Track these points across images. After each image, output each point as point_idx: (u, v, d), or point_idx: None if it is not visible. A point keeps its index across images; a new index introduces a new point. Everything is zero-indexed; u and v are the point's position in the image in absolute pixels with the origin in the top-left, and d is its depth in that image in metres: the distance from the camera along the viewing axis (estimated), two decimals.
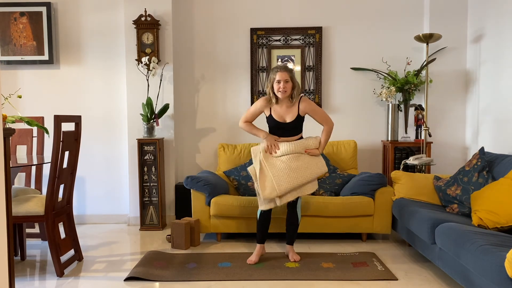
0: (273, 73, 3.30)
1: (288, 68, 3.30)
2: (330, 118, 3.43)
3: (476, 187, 3.31)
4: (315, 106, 3.43)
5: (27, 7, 4.54)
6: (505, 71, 3.89)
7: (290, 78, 3.25)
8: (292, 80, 3.27)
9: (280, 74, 3.25)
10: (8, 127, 2.59)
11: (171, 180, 4.63)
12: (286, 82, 3.24)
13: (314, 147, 3.37)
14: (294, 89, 3.29)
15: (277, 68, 3.31)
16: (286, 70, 3.27)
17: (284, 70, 3.26)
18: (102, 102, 4.69)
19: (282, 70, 3.26)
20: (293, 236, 3.44)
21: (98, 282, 3.03)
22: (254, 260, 3.33)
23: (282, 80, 3.24)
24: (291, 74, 3.28)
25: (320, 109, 3.44)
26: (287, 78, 3.24)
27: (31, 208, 3.14)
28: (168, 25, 4.54)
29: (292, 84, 3.27)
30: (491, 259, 2.22)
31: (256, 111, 3.41)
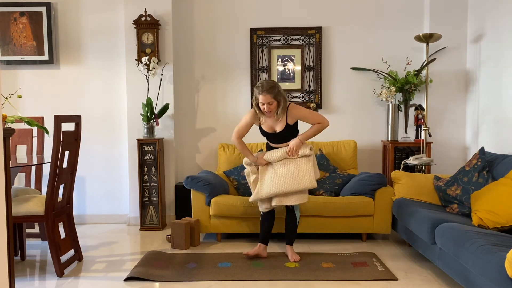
0: (256, 93, 3.24)
1: (270, 89, 3.17)
2: (325, 118, 3.34)
3: (476, 187, 3.31)
4: (305, 111, 3.33)
5: (27, 7, 4.55)
6: (505, 71, 3.89)
7: (273, 98, 3.18)
8: (276, 99, 3.19)
9: (263, 98, 3.18)
10: (8, 127, 2.59)
11: (171, 180, 4.63)
12: (269, 104, 3.20)
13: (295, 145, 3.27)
14: (280, 106, 3.22)
15: (259, 89, 3.20)
16: (268, 92, 3.16)
17: (267, 92, 3.16)
18: (102, 102, 4.69)
19: (264, 93, 3.16)
20: (291, 236, 3.45)
21: (98, 282, 3.03)
22: (251, 253, 3.41)
23: (265, 102, 3.20)
24: (274, 93, 3.18)
25: (310, 114, 3.35)
26: (270, 101, 3.18)
27: (31, 208, 3.14)
28: (168, 25, 4.54)
29: (277, 102, 3.21)
30: (491, 259, 2.22)
31: (246, 125, 3.43)
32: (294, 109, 3.30)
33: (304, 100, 4.72)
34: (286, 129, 3.32)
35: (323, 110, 4.74)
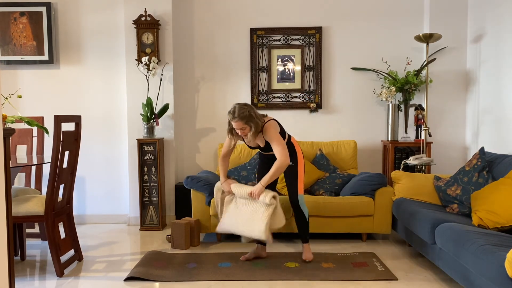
0: (229, 118, 3.20)
1: (241, 114, 3.10)
2: (284, 155, 3.14)
3: (476, 187, 3.31)
4: (274, 139, 3.18)
5: (27, 7, 4.55)
6: (505, 71, 3.89)
7: (245, 124, 3.14)
8: (247, 124, 3.14)
9: (234, 124, 3.17)
10: (8, 127, 2.59)
11: (171, 180, 4.63)
12: (242, 129, 3.18)
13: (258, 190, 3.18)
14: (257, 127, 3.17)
15: (230, 115, 3.16)
16: (240, 118, 3.11)
17: (238, 119, 3.11)
18: (102, 102, 4.70)
19: (236, 120, 3.13)
20: (303, 235, 3.41)
21: (98, 282, 3.03)
22: (246, 257, 3.41)
23: (238, 128, 3.18)
24: (245, 119, 3.12)
25: (276, 142, 3.18)
26: (242, 126, 3.15)
27: (31, 208, 3.14)
28: (168, 25, 4.54)
29: (249, 127, 3.16)
30: (491, 259, 2.22)
31: (228, 145, 3.39)
32: (267, 132, 3.20)
33: (304, 100, 4.72)
34: (268, 145, 3.28)
35: (323, 110, 4.74)
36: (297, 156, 3.36)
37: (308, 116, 4.76)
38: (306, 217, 3.38)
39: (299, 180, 3.35)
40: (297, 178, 3.34)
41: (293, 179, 3.35)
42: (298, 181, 3.35)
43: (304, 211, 3.38)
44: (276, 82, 4.73)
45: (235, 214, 3.26)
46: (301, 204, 3.36)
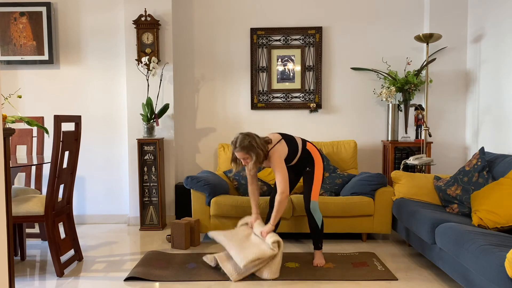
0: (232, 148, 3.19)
1: (243, 147, 3.09)
2: (285, 184, 3.12)
3: (476, 187, 3.31)
4: (275, 166, 3.16)
5: (27, 7, 4.55)
6: (505, 71, 3.89)
7: (247, 155, 3.12)
8: (250, 155, 3.11)
9: (237, 154, 3.16)
10: (8, 127, 2.59)
11: (171, 180, 4.63)
12: (245, 159, 3.16)
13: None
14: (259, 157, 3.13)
15: (233, 144, 3.15)
16: (241, 149, 3.10)
17: (240, 149, 3.11)
18: (102, 102, 4.70)
19: (237, 150, 3.13)
20: (314, 241, 3.35)
21: (98, 282, 3.03)
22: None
23: (240, 158, 3.18)
24: (247, 149, 3.10)
25: (280, 171, 3.14)
26: (244, 157, 3.14)
27: (31, 208, 3.14)
28: (168, 25, 4.54)
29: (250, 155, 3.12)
30: (491, 259, 2.21)
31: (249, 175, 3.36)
32: (271, 160, 3.18)
33: (304, 100, 4.72)
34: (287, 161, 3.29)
35: (323, 110, 4.74)
36: (314, 162, 3.31)
37: (308, 116, 4.76)
38: (318, 224, 3.31)
39: (315, 186, 3.29)
40: (313, 183, 3.29)
41: (308, 184, 3.31)
42: (313, 187, 3.29)
43: (317, 218, 3.30)
44: (276, 82, 4.73)
45: (237, 234, 3.24)
46: (313, 210, 3.29)
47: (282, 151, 3.22)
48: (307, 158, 3.32)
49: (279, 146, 3.22)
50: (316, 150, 3.37)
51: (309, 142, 3.39)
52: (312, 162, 3.31)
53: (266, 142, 3.19)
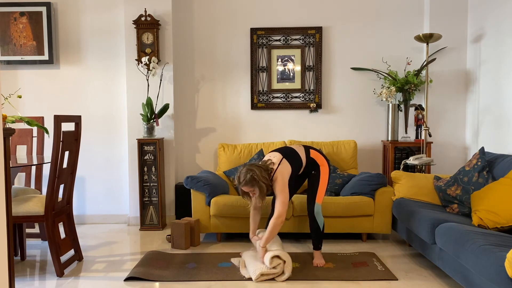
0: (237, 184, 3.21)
1: (247, 182, 3.09)
2: (282, 209, 3.10)
3: (476, 187, 3.31)
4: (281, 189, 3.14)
5: (27, 7, 4.55)
6: (505, 71, 3.89)
7: (251, 187, 3.12)
8: (253, 187, 3.11)
9: (243, 189, 3.16)
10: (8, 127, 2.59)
11: (171, 180, 4.63)
12: (252, 191, 3.16)
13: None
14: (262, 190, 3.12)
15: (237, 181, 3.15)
16: (245, 184, 3.09)
17: (244, 184, 3.11)
18: (102, 102, 4.70)
19: (242, 185, 3.13)
20: (315, 241, 3.36)
21: (98, 282, 3.03)
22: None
23: (247, 191, 3.18)
24: (251, 183, 3.07)
25: (279, 195, 3.14)
26: (249, 190, 3.14)
27: (31, 208, 3.14)
28: (168, 25, 4.54)
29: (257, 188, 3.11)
30: (491, 259, 2.21)
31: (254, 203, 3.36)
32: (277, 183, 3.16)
33: (304, 100, 4.72)
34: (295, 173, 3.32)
35: (323, 110, 4.74)
36: (319, 168, 3.32)
37: (308, 116, 4.76)
38: (320, 227, 3.32)
39: (320, 188, 3.31)
40: (318, 186, 3.31)
41: (314, 187, 3.32)
42: (319, 189, 3.31)
43: (319, 221, 3.32)
44: (276, 82, 4.73)
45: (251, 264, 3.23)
46: (316, 214, 3.30)
47: (286, 172, 3.19)
48: (313, 164, 3.33)
49: (282, 167, 3.19)
50: (320, 156, 3.36)
51: (313, 149, 3.37)
52: (318, 169, 3.32)
53: (267, 170, 3.14)
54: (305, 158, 3.32)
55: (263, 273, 2.98)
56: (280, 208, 3.10)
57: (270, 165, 3.17)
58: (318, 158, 3.35)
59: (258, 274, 2.97)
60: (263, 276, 2.99)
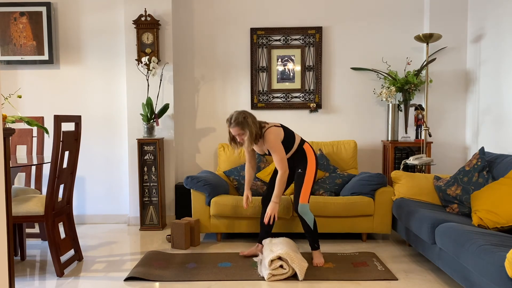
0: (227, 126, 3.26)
1: (237, 122, 3.17)
2: (283, 164, 3.21)
3: (476, 187, 3.31)
4: (274, 147, 3.22)
5: (27, 7, 4.55)
6: (505, 71, 3.89)
7: (242, 130, 3.18)
8: (244, 130, 3.18)
9: (232, 130, 3.22)
10: (8, 127, 2.59)
11: (171, 180, 4.63)
12: (241, 135, 3.22)
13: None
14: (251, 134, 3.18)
15: (228, 121, 3.23)
16: (236, 125, 3.17)
17: (235, 125, 3.18)
18: (102, 102, 4.70)
19: (232, 126, 3.20)
20: (310, 242, 3.35)
21: (98, 282, 3.03)
22: (246, 253, 3.45)
23: (235, 134, 3.23)
24: (242, 125, 3.17)
25: (277, 152, 3.22)
26: (238, 132, 3.20)
27: (31, 208, 3.14)
28: (168, 25, 4.54)
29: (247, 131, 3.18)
30: (491, 259, 2.21)
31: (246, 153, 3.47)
32: (267, 140, 3.22)
33: (304, 100, 4.72)
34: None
35: (323, 110, 4.74)
36: (307, 163, 3.31)
37: (308, 116, 4.76)
38: (310, 225, 3.30)
39: (304, 188, 3.28)
40: (302, 186, 3.28)
41: (298, 186, 3.31)
42: (303, 189, 3.28)
43: (308, 220, 3.30)
44: (276, 82, 4.73)
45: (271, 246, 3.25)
46: (302, 213, 3.29)
47: (277, 133, 3.27)
48: (301, 157, 3.33)
49: (274, 128, 3.27)
50: (312, 152, 3.36)
51: (308, 144, 3.40)
52: (305, 164, 3.31)
53: (260, 123, 3.27)
54: (297, 143, 3.34)
55: (273, 274, 3.00)
56: (280, 166, 3.20)
57: (263, 123, 3.29)
58: (309, 152, 3.35)
59: (269, 275, 2.99)
60: (274, 276, 3.00)
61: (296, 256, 3.04)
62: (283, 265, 3.01)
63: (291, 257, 3.01)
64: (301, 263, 3.02)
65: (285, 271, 3.01)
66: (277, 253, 3.02)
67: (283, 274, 3.01)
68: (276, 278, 3.01)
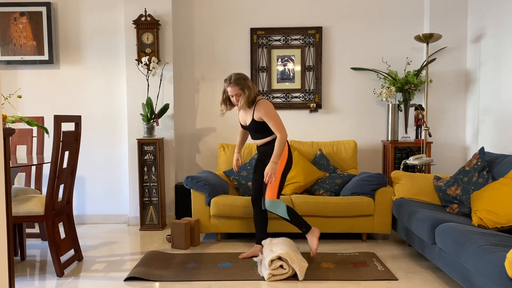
0: (225, 85, 3.29)
1: (237, 80, 3.22)
2: (284, 129, 3.24)
3: (476, 187, 3.31)
4: (269, 113, 3.23)
5: (27, 7, 4.55)
6: (505, 71, 3.89)
7: (240, 90, 3.22)
8: (243, 91, 3.22)
9: (230, 89, 3.24)
10: (8, 127, 2.59)
11: (171, 180, 4.63)
12: (238, 95, 3.24)
13: None
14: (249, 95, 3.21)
15: (227, 81, 3.26)
16: (235, 83, 3.22)
17: (234, 84, 3.22)
18: (102, 102, 4.70)
19: (231, 85, 3.23)
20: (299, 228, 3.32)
21: (98, 282, 3.03)
22: (245, 255, 3.44)
23: (233, 94, 3.25)
24: (241, 85, 3.22)
25: (273, 117, 3.23)
26: (237, 92, 3.23)
27: (31, 208, 3.14)
28: (168, 25, 4.54)
29: (243, 91, 3.22)
30: (491, 259, 2.21)
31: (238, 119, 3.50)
32: (261, 107, 3.24)
33: (304, 100, 4.72)
34: (253, 124, 3.29)
35: (323, 110, 4.74)
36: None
37: (308, 116, 4.76)
38: (285, 216, 3.28)
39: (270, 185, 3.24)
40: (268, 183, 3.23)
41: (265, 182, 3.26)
42: (269, 185, 3.24)
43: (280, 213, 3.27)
44: (276, 82, 4.73)
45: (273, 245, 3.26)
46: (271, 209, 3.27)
47: (269, 104, 3.28)
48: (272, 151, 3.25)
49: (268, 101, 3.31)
50: (287, 149, 3.31)
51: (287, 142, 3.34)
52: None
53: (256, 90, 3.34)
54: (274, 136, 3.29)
55: (273, 274, 3.00)
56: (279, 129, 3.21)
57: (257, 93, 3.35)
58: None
59: (269, 275, 3.00)
60: (274, 276, 3.00)
61: (296, 256, 3.04)
62: (283, 265, 3.01)
63: (291, 257, 3.01)
64: (301, 263, 3.02)
65: (285, 271, 3.01)
66: (277, 253, 3.03)
67: (283, 274, 3.01)
68: (276, 278, 3.01)
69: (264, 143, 3.35)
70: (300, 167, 4.16)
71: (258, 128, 3.31)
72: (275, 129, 3.22)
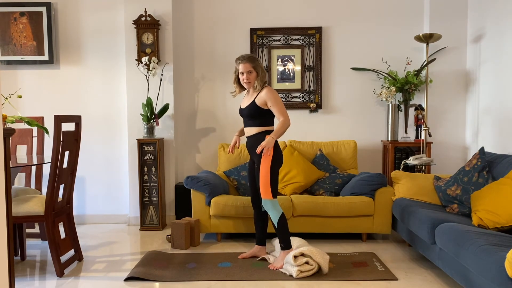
0: (237, 64, 3.26)
1: (251, 58, 3.21)
2: (287, 116, 3.16)
3: (476, 187, 3.31)
4: (276, 98, 3.17)
5: (27, 7, 4.55)
6: (505, 71, 3.89)
7: (253, 68, 3.19)
8: (255, 70, 3.20)
9: (243, 66, 3.20)
10: (8, 127, 2.59)
11: (171, 180, 4.63)
12: (249, 73, 3.20)
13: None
14: (261, 74, 3.21)
15: (239, 59, 3.24)
16: (248, 61, 3.19)
17: (247, 61, 3.19)
18: (102, 102, 4.70)
19: (244, 62, 3.19)
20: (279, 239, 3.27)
21: (98, 282, 3.03)
22: (245, 255, 3.44)
23: (244, 71, 3.20)
24: (254, 63, 3.20)
25: (279, 103, 3.16)
26: (249, 69, 3.19)
27: (31, 208, 3.14)
28: (168, 25, 4.54)
29: (256, 73, 3.21)
30: (491, 259, 2.22)
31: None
32: (267, 90, 3.19)
33: (304, 100, 4.72)
34: (251, 107, 3.20)
35: (323, 110, 4.74)
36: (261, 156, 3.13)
37: (308, 116, 4.76)
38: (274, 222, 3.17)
39: (262, 184, 3.14)
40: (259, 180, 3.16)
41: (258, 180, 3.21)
42: (260, 184, 3.15)
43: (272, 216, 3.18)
44: (276, 82, 4.73)
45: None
46: (266, 209, 3.21)
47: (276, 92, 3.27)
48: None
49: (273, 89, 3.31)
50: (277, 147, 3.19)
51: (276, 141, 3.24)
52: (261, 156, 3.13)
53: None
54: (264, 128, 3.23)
55: (301, 270, 3.03)
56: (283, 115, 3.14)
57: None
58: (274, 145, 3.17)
59: (298, 271, 3.02)
60: (302, 273, 3.04)
61: (317, 250, 3.11)
62: (309, 262, 3.06)
63: (313, 252, 3.07)
64: (323, 256, 3.09)
65: (311, 267, 3.05)
66: (299, 249, 3.07)
67: (310, 270, 3.05)
68: (303, 274, 3.03)
69: (253, 133, 3.24)
70: (300, 167, 4.16)
71: (253, 113, 3.21)
72: (279, 114, 3.15)
